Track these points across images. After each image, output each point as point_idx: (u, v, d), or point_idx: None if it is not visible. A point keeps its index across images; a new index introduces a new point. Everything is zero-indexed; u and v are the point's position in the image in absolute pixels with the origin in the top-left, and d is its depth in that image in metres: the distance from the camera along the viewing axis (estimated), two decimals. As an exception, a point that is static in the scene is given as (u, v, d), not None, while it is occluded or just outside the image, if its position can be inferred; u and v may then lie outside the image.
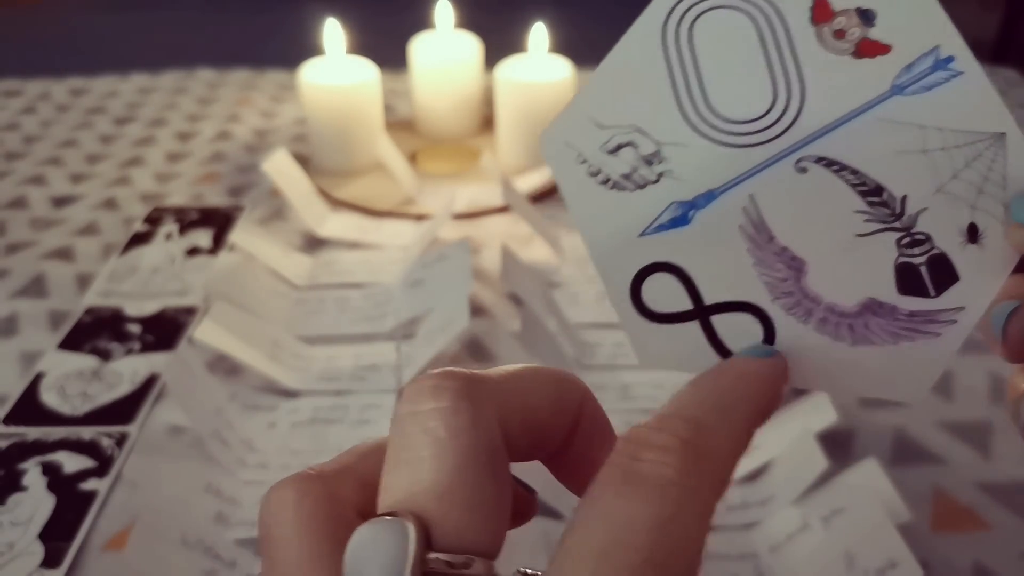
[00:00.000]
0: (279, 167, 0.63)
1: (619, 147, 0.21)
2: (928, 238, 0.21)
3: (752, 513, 0.40)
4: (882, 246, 0.21)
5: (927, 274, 0.21)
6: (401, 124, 0.80)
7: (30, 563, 0.37)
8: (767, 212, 0.21)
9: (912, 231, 0.21)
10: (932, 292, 0.21)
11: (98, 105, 0.89)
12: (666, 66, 0.21)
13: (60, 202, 0.69)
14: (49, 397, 0.48)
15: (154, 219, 0.66)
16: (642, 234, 0.21)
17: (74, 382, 0.49)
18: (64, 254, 0.61)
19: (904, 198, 0.21)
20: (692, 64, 0.21)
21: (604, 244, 0.22)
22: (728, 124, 0.21)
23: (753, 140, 0.21)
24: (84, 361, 0.50)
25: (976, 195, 0.21)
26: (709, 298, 0.21)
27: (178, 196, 0.70)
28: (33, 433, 0.45)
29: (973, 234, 0.21)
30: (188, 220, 0.66)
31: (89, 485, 0.42)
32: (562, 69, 0.69)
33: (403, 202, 0.67)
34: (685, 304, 0.22)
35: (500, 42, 0.79)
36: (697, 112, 0.21)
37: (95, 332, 0.53)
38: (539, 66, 0.69)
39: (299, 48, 0.77)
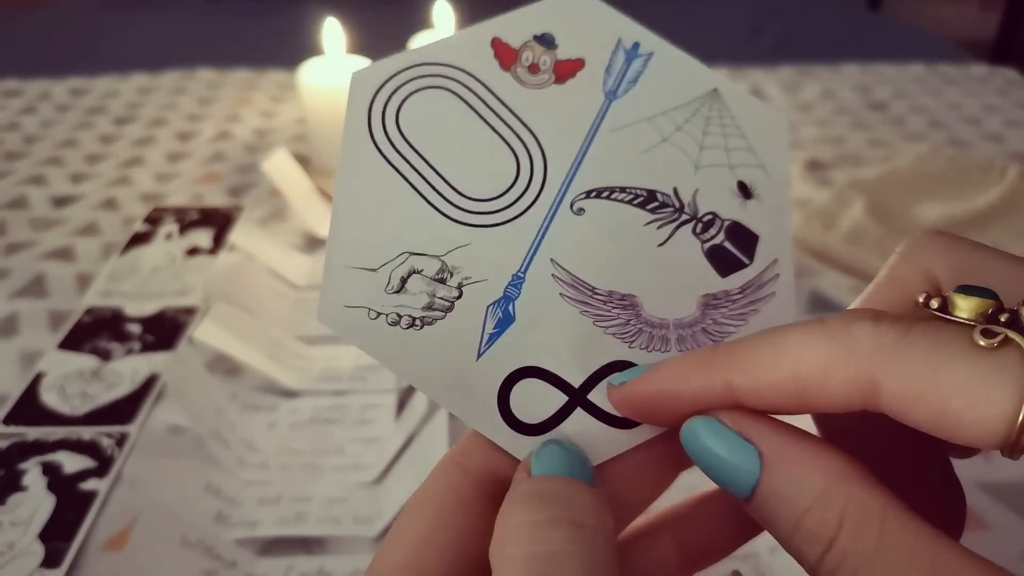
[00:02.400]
0: (279, 167, 0.63)
1: (403, 281, 0.19)
2: (714, 215, 0.21)
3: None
4: (685, 243, 0.21)
5: (732, 247, 0.21)
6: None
7: (30, 563, 0.37)
8: (574, 267, 0.20)
9: (699, 216, 0.21)
10: (746, 260, 0.21)
11: (98, 105, 0.89)
12: (398, 174, 0.20)
13: (60, 202, 0.69)
14: (49, 397, 0.48)
15: (154, 219, 0.66)
16: (479, 355, 0.20)
17: (74, 382, 0.49)
18: (64, 254, 0.61)
19: (675, 190, 0.21)
20: (421, 160, 0.20)
21: (447, 386, 0.19)
22: (491, 203, 0.20)
23: (523, 206, 0.20)
24: (84, 361, 0.50)
25: (727, 155, 0.21)
26: (575, 380, 0.20)
27: (178, 196, 0.70)
28: (33, 433, 0.45)
29: (745, 190, 0.21)
30: (188, 220, 0.66)
31: (89, 485, 0.42)
32: (562, 69, 0.69)
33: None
34: (559, 398, 0.20)
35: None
36: (456, 206, 0.20)
37: (95, 332, 0.53)
38: (539, 66, 0.69)
39: (299, 48, 0.77)
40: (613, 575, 0.16)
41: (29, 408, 0.47)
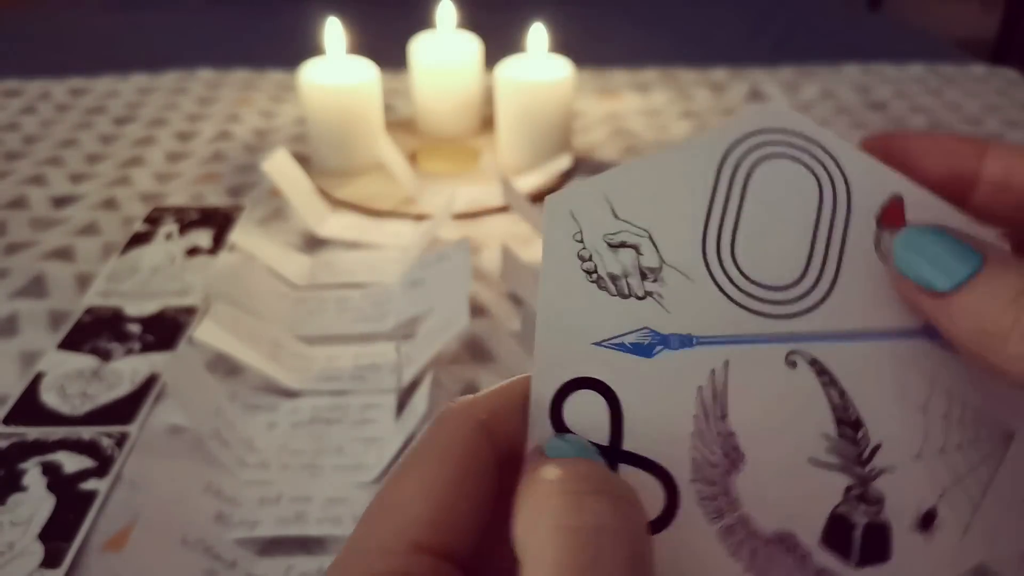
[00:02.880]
0: (279, 167, 0.63)
1: (623, 245, 0.19)
2: (880, 501, 0.18)
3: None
4: (830, 484, 0.18)
5: (859, 538, 0.18)
6: (401, 124, 0.80)
7: (30, 563, 0.37)
8: (733, 387, 0.18)
9: (868, 484, 0.18)
10: (854, 559, 0.18)
11: (98, 105, 0.89)
12: (711, 191, 0.19)
13: (60, 202, 0.69)
14: (49, 397, 0.48)
15: (154, 219, 0.66)
16: (598, 343, 0.19)
17: (74, 382, 0.49)
18: (64, 254, 0.61)
19: (878, 446, 0.18)
20: (738, 202, 0.19)
21: (555, 336, 0.19)
22: (743, 280, 0.19)
23: (759, 308, 0.19)
24: (84, 361, 0.50)
25: (953, 483, 0.18)
26: (628, 443, 0.18)
27: (178, 196, 0.70)
28: (33, 433, 0.45)
29: (928, 522, 0.18)
30: (188, 220, 0.66)
31: (89, 485, 0.42)
32: (562, 69, 0.69)
33: (403, 202, 0.67)
34: (601, 436, 0.18)
35: (500, 42, 0.79)
36: (718, 252, 0.19)
37: (95, 332, 0.53)
38: (539, 66, 0.69)
39: (299, 48, 0.77)
40: (650, 552, 0.16)
41: (29, 408, 0.47)
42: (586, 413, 0.18)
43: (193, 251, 0.62)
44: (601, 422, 0.18)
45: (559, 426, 0.18)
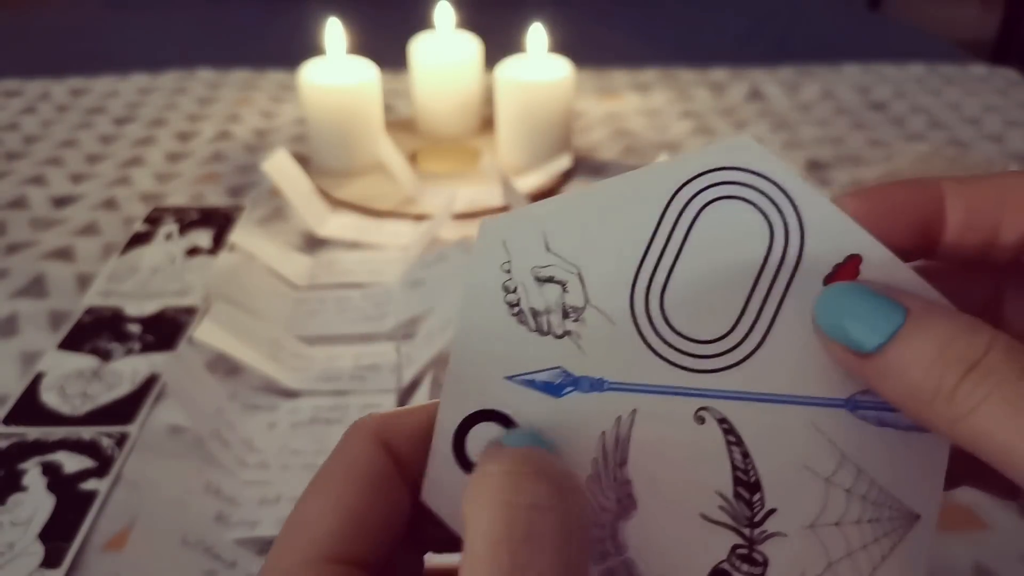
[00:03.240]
0: (279, 167, 0.63)
1: (550, 280, 0.19)
2: (764, 564, 0.18)
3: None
4: (717, 540, 0.18)
5: None
6: (401, 124, 0.80)
7: (30, 563, 0.37)
8: (637, 435, 0.18)
9: (755, 546, 0.18)
10: None
11: (98, 105, 0.89)
12: (652, 231, 0.18)
13: (60, 202, 0.69)
14: (49, 397, 0.48)
15: (154, 219, 0.66)
16: (509, 376, 0.19)
17: (74, 382, 0.49)
18: (64, 254, 0.61)
19: (772, 510, 0.18)
20: (679, 245, 0.18)
21: (468, 363, 0.19)
22: (667, 330, 0.18)
23: (678, 360, 0.18)
24: (84, 361, 0.50)
25: (842, 557, 0.18)
26: None
27: (178, 196, 0.70)
28: (33, 433, 0.45)
29: None
30: (188, 220, 0.66)
31: (89, 485, 0.42)
32: (562, 69, 0.69)
33: (403, 202, 0.67)
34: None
35: (500, 42, 0.79)
36: (647, 298, 0.18)
37: (95, 332, 0.53)
38: (539, 66, 0.69)
39: (299, 48, 0.77)
40: (587, 538, 0.16)
41: (29, 408, 0.47)
42: (489, 438, 0.19)
43: (193, 251, 0.62)
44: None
45: (460, 454, 0.19)
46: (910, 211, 0.19)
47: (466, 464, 0.19)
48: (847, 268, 0.18)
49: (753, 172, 0.18)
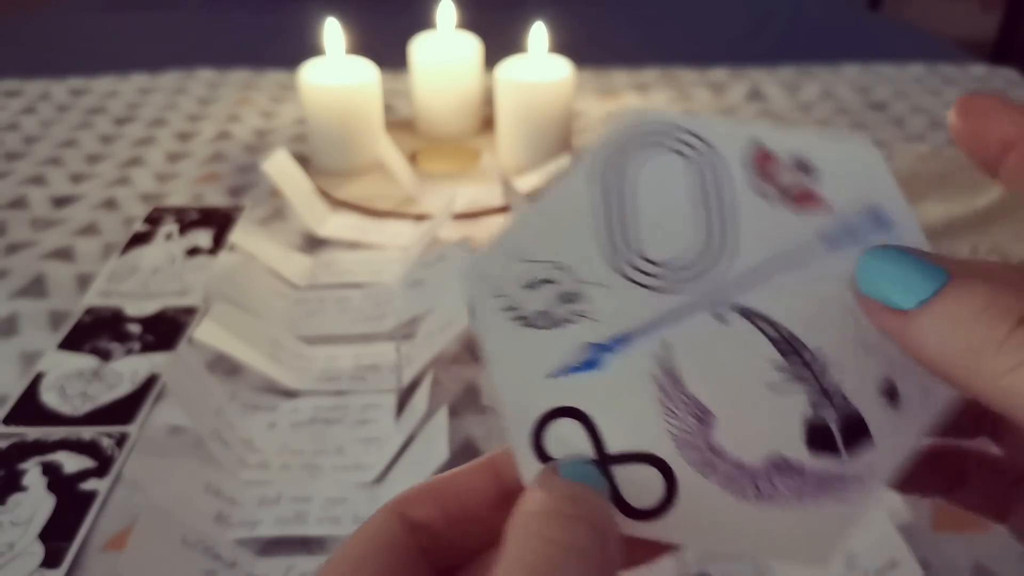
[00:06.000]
0: (279, 167, 0.63)
1: (539, 283, 0.20)
2: (840, 394, 0.20)
3: (752, 513, 0.40)
4: (793, 400, 0.20)
5: (839, 433, 0.20)
6: (401, 124, 0.80)
7: (30, 563, 0.37)
8: (680, 360, 0.20)
9: (827, 386, 0.20)
10: (843, 453, 0.20)
11: (98, 105, 0.89)
12: (601, 203, 0.20)
13: (60, 202, 0.69)
14: (49, 397, 0.48)
15: (154, 219, 0.66)
16: (551, 375, 0.20)
17: (74, 382, 0.49)
18: (64, 254, 0.61)
19: (820, 350, 0.20)
20: (623, 203, 0.20)
21: (511, 383, 0.20)
22: (653, 266, 0.20)
23: (677, 284, 0.20)
24: (84, 361, 0.50)
25: (899, 350, 0.19)
26: (613, 447, 0.20)
27: (178, 196, 0.70)
28: (33, 433, 0.45)
29: (892, 393, 0.20)
30: (188, 220, 0.66)
31: (89, 485, 0.42)
32: (562, 69, 0.69)
33: (403, 202, 0.67)
34: (587, 452, 0.20)
35: (500, 42, 0.79)
36: (623, 253, 0.20)
37: (95, 332, 0.53)
38: (539, 66, 0.69)
39: (299, 48, 0.77)
40: None
41: (29, 408, 0.47)
42: (565, 439, 0.20)
43: (193, 251, 0.62)
44: (581, 441, 0.20)
45: (536, 444, 0.20)
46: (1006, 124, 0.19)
47: (538, 448, 0.20)
48: (759, 158, 0.20)
49: (650, 124, 0.21)
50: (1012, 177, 0.19)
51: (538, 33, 0.70)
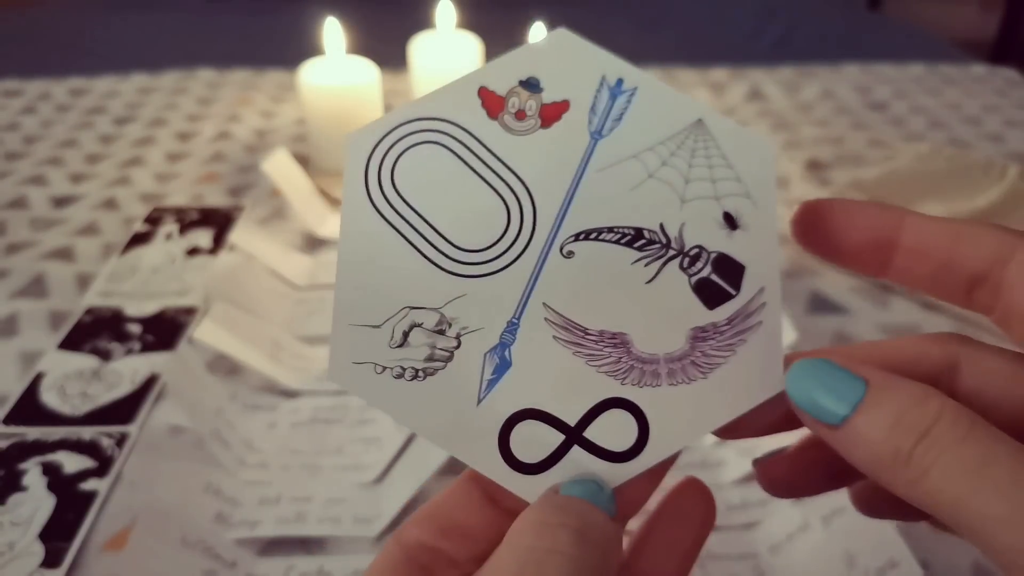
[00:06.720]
0: (279, 167, 0.63)
1: (404, 335, 0.21)
2: (701, 248, 0.21)
3: (752, 513, 0.40)
4: (672, 278, 0.21)
5: (719, 279, 0.21)
6: (401, 124, 0.80)
7: (30, 563, 0.37)
8: (565, 310, 0.21)
9: (685, 250, 0.21)
10: (732, 291, 0.21)
11: (98, 105, 0.89)
12: (396, 232, 0.21)
13: (60, 202, 0.69)
14: (49, 397, 0.48)
15: (154, 219, 0.66)
16: (480, 400, 0.21)
17: (74, 382, 0.49)
18: (64, 254, 0.61)
19: (662, 226, 0.21)
20: (417, 216, 0.21)
21: (450, 433, 0.21)
22: (484, 253, 0.21)
23: (514, 254, 0.21)
24: (84, 361, 0.50)
25: (712, 185, 0.21)
26: (571, 418, 0.21)
27: (178, 196, 0.70)
28: (33, 433, 0.45)
29: (731, 221, 0.21)
30: (188, 220, 0.66)
31: (89, 485, 0.42)
32: (562, 69, 0.69)
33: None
34: (556, 438, 0.21)
35: (500, 42, 0.78)
36: (451, 258, 0.21)
37: (95, 332, 0.53)
38: (539, 66, 0.69)
39: (299, 48, 0.77)
40: None
41: (29, 408, 0.47)
42: (531, 438, 0.21)
43: (193, 251, 0.62)
44: (544, 431, 0.21)
45: (531, 469, 0.21)
46: (863, 229, 0.21)
47: (537, 467, 0.21)
48: (487, 101, 0.21)
49: (400, 127, 0.21)
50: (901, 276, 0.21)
51: (538, 33, 0.70)
